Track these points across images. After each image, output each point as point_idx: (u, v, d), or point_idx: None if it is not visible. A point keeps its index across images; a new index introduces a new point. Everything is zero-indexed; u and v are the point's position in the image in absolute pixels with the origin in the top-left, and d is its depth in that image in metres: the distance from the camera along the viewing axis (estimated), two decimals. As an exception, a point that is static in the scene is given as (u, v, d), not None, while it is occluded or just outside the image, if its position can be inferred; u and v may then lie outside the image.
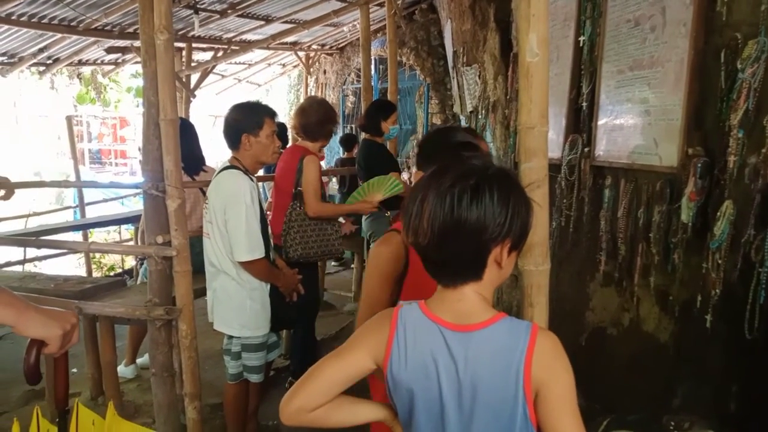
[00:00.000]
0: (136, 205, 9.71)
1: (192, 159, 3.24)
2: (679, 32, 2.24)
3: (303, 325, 3.32)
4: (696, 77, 2.17)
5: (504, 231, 0.96)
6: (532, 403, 0.98)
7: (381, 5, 6.10)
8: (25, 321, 1.02)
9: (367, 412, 1.14)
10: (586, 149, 2.83)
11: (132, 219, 6.04)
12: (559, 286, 3.09)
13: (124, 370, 3.57)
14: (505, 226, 0.96)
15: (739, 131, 1.92)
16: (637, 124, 2.52)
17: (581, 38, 2.93)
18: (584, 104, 2.87)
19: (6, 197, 2.80)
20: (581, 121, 2.91)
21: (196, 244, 2.69)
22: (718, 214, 2.01)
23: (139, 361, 3.71)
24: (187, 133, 3.25)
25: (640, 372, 2.57)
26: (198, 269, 2.60)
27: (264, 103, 2.61)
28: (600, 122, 2.77)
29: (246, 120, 2.46)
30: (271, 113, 2.53)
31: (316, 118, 3.17)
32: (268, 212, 3.90)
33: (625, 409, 2.53)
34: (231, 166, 2.47)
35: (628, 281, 2.64)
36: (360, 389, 1.18)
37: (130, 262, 7.49)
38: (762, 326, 1.86)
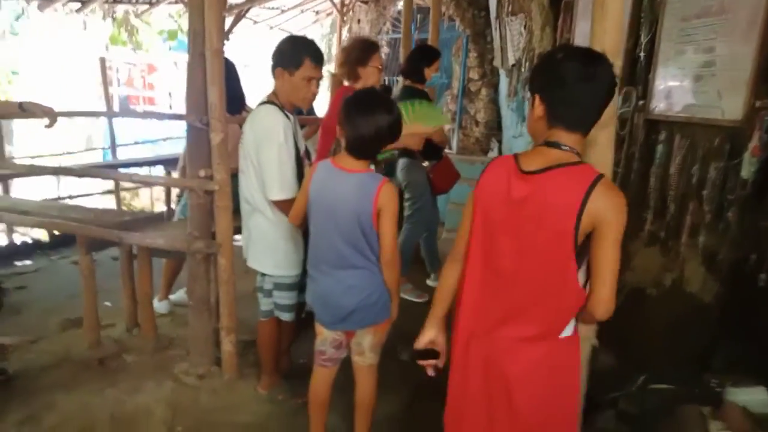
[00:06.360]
0: (165, 150, 9.77)
1: (234, 99, 3.18)
2: (757, -25, 2.09)
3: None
4: (772, 24, 2.04)
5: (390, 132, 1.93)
6: (375, 216, 1.89)
7: (422, -50, 5.86)
8: None
9: None
10: (640, 102, 2.72)
11: (163, 161, 6.07)
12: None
13: (158, 305, 3.64)
14: (393, 130, 1.93)
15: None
16: (699, 75, 2.40)
17: (643, -16, 2.77)
18: (642, 54, 2.74)
19: (50, 125, 2.80)
20: (637, 72, 2.78)
21: (234, 183, 2.67)
22: (783, 170, 1.92)
23: (172, 297, 3.78)
24: (229, 73, 3.18)
25: (679, 334, 2.52)
26: (236, 208, 2.59)
27: (316, 45, 2.40)
28: (658, 74, 2.64)
29: (286, 54, 2.32)
30: (315, 56, 2.36)
31: (355, 55, 3.07)
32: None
33: (662, 370, 2.50)
34: (268, 102, 2.36)
35: (674, 241, 2.57)
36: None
37: (159, 206, 7.58)
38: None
